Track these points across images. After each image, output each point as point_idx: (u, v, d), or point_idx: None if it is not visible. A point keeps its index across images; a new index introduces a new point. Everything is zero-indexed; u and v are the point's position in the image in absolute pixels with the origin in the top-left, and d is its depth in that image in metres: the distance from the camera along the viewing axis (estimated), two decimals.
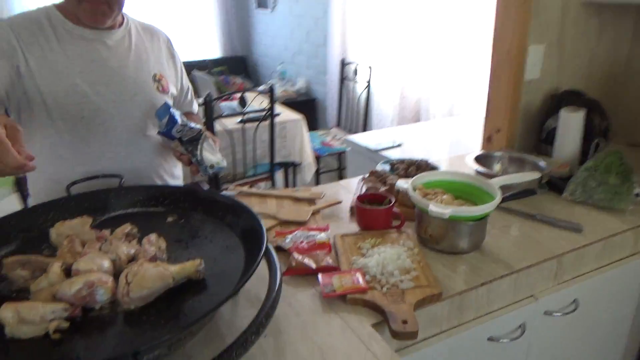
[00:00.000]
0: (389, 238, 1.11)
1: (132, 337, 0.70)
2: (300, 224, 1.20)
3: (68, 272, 0.79)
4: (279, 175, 3.20)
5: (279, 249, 1.09)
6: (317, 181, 3.46)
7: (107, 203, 1.05)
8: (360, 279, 0.94)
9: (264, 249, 0.82)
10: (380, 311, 0.88)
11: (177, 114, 1.17)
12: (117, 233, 0.92)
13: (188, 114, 1.47)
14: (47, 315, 0.68)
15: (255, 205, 1.31)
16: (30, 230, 0.96)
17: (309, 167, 3.16)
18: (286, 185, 3.23)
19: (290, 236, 1.11)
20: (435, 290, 0.93)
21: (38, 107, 1.09)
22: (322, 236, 1.10)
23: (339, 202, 1.31)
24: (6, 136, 0.79)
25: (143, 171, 1.27)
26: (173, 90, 1.36)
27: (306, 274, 1.01)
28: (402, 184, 1.14)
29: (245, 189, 1.40)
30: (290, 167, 3.27)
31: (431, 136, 2.57)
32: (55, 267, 0.78)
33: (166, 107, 1.17)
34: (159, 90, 1.28)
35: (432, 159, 1.53)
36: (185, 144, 1.18)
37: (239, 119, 2.80)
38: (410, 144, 2.38)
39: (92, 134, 1.16)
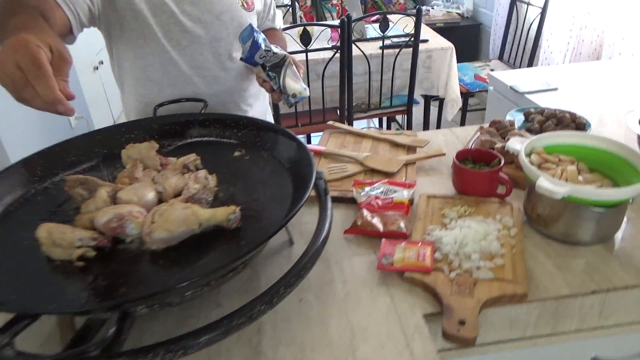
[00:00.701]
0: (485, 209, 0.91)
1: (145, 278, 0.67)
2: (387, 175, 1.05)
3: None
4: (418, 110, 2.96)
5: (352, 201, 0.97)
6: (462, 120, 3.14)
7: (186, 128, 1.03)
8: (428, 256, 0.78)
9: (303, 201, 0.71)
10: (440, 300, 0.72)
11: (260, 38, 1.07)
12: (177, 163, 0.89)
13: (271, 31, 1.39)
14: (74, 242, 0.69)
15: (348, 146, 1.19)
16: (112, 148, 0.98)
17: (452, 104, 2.86)
18: (424, 123, 2.97)
19: (367, 188, 0.97)
20: (518, 289, 0.73)
21: (128, 25, 1.09)
22: (402, 194, 0.95)
23: (442, 155, 1.11)
24: (50, 63, 0.66)
25: (229, 95, 1.23)
26: (258, 5, 1.27)
27: (371, 236, 0.88)
28: (515, 143, 0.89)
29: (344, 125, 1.28)
30: (433, 102, 2.99)
31: (608, 81, 2.06)
32: (102, 192, 0.78)
33: (250, 30, 1.08)
34: (244, 7, 1.20)
35: (586, 113, 1.20)
36: (268, 70, 1.10)
37: (379, 44, 2.60)
38: (572, 88, 1.95)
39: (179, 55, 1.13)
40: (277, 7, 3.67)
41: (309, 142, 3.50)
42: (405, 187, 0.97)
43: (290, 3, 3.60)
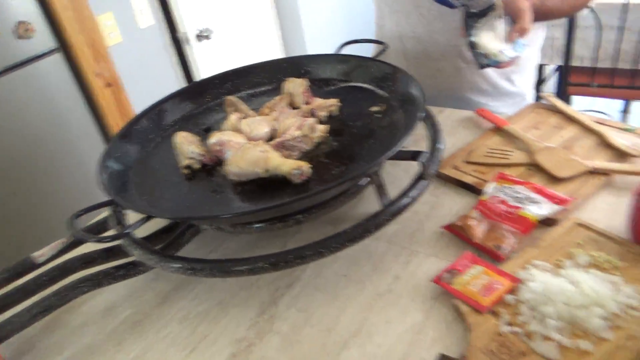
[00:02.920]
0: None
1: (214, 201, 0.76)
2: (554, 179, 0.81)
3: None
4: None
5: (479, 192, 0.81)
6: None
7: (351, 70, 1.02)
8: (496, 293, 0.62)
9: (354, 175, 0.66)
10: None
11: None
12: (315, 103, 0.91)
13: None
14: (188, 153, 0.83)
15: (543, 128, 0.95)
16: (292, 75, 1.06)
17: None
18: None
19: (506, 187, 0.78)
20: None
21: None
22: (539, 209, 0.73)
23: None
24: None
25: (444, 42, 1.10)
26: None
27: (467, 243, 0.73)
28: None
29: (558, 102, 1.00)
30: None
31: None
32: (232, 117, 0.89)
33: None
34: None
35: None
36: (469, 17, 0.93)
37: None
38: None
39: None
40: None
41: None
42: (552, 201, 0.74)
43: None
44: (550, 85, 2.68)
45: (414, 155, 0.73)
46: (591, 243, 0.68)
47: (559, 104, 1.00)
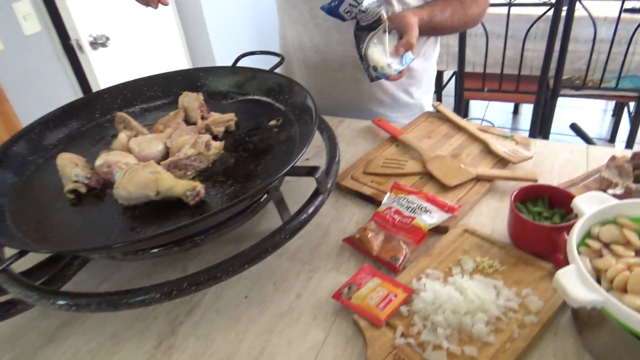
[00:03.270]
0: (520, 274, 0.67)
1: (101, 227, 0.72)
2: (444, 188, 0.85)
3: None
4: None
5: (379, 203, 0.83)
6: None
7: (247, 83, 1.00)
8: (391, 305, 0.63)
9: (245, 196, 0.65)
10: None
11: None
12: (211, 118, 0.89)
13: None
14: (72, 176, 0.77)
15: (435, 137, 1.00)
16: (188, 89, 1.03)
17: None
18: None
19: (401, 198, 0.81)
20: None
21: None
22: (429, 218, 0.76)
23: (532, 180, 0.84)
24: None
25: (342, 53, 1.12)
26: None
27: (367, 255, 0.75)
28: (583, 202, 0.60)
29: (446, 111, 1.06)
30: None
31: None
32: (122, 136, 0.84)
33: None
34: None
35: None
36: (359, 31, 0.95)
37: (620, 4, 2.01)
38: None
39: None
40: None
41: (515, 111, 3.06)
42: (441, 210, 0.78)
43: None
44: (450, 90, 2.85)
45: (309, 171, 0.73)
46: (476, 249, 0.72)
47: (448, 112, 1.06)
